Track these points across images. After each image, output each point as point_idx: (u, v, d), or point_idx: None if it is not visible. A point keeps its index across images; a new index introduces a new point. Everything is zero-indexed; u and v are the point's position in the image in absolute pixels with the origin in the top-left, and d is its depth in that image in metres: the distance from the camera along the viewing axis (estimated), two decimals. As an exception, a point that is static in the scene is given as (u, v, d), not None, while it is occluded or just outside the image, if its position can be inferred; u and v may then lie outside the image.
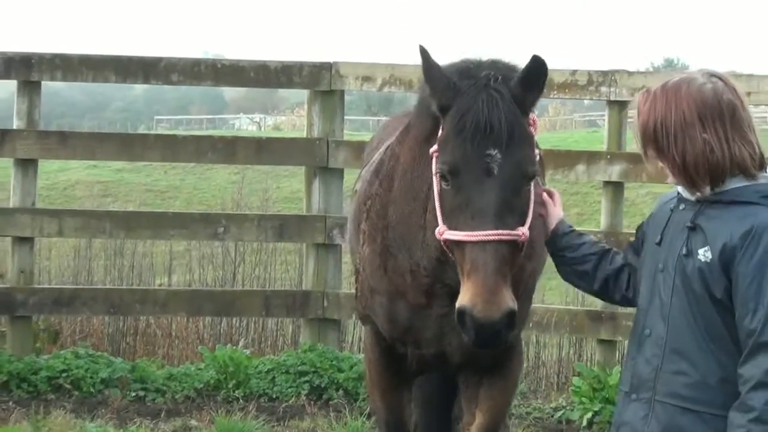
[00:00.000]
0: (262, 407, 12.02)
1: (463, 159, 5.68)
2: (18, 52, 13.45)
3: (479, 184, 5.63)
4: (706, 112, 5.35)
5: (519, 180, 5.70)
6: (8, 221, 13.36)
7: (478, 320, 5.45)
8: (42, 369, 12.54)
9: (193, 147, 15.11)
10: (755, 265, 5.25)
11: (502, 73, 5.86)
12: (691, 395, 5.43)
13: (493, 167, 5.61)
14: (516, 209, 5.69)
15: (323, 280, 13.38)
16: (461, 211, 5.67)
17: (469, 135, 5.67)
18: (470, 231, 5.58)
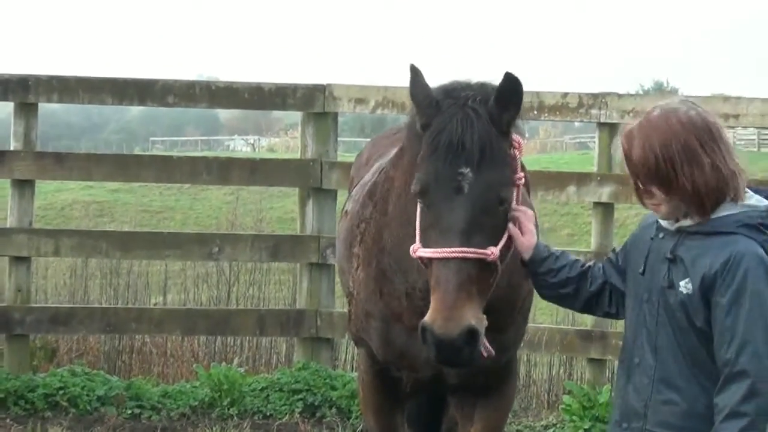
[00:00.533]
0: (257, 425, 12.05)
1: (435, 177, 5.70)
2: (15, 74, 13.46)
3: (449, 202, 5.63)
4: (703, 136, 5.37)
5: (490, 199, 5.68)
6: (5, 241, 13.38)
7: (437, 337, 5.45)
8: (39, 387, 12.56)
9: (187, 168, 15.11)
10: (732, 295, 5.29)
11: (489, 94, 5.88)
12: (681, 424, 5.47)
13: (463, 185, 5.62)
14: (486, 228, 5.66)
15: (317, 300, 13.40)
16: (432, 229, 5.69)
17: (441, 153, 5.69)
18: (436, 248, 5.60)
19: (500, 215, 5.75)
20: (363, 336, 7.00)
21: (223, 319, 14.33)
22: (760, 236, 5.38)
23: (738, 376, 5.23)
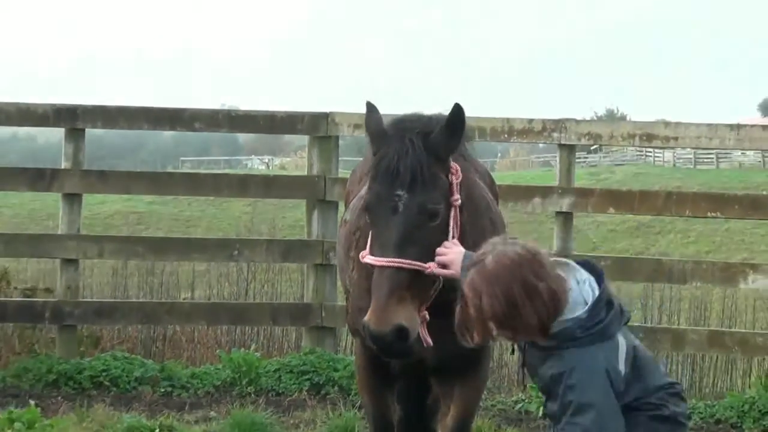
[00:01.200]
0: (270, 401, 12.01)
1: (376, 198, 5.84)
2: (65, 104, 13.43)
3: (387, 219, 5.75)
4: (534, 267, 5.17)
5: (421, 217, 5.77)
6: (57, 246, 13.38)
7: (372, 332, 5.62)
8: (85, 369, 12.55)
9: (212, 183, 15.23)
10: (559, 409, 5.24)
11: (432, 126, 5.99)
12: None
13: (398, 205, 5.72)
14: (419, 242, 5.74)
15: (321, 295, 13.37)
16: (375, 241, 5.82)
17: (381, 177, 5.82)
18: (377, 257, 5.73)
19: (433, 231, 5.82)
20: (357, 328, 6.94)
21: (241, 311, 14.35)
22: (584, 341, 5.22)
23: None
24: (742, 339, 12.84)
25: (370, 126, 6.09)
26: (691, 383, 13.89)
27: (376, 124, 6.07)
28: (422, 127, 5.98)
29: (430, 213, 5.81)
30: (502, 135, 13.09)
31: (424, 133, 5.91)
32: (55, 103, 13.42)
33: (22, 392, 12.11)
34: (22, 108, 13.59)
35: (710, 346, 13.02)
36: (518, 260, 5.13)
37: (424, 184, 5.79)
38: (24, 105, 13.58)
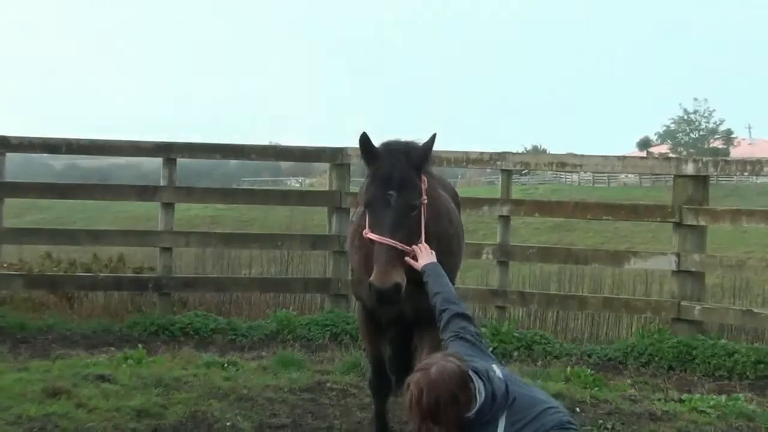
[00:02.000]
0: (303, 345, 11.98)
1: (374, 196, 6.02)
2: (164, 141, 13.47)
3: (383, 210, 5.94)
4: (459, 381, 4.89)
5: (407, 209, 5.96)
6: (157, 238, 13.50)
7: (377, 288, 5.76)
8: (176, 323, 12.56)
9: (263, 196, 15.33)
10: None
11: (407, 147, 6.17)
12: None
13: (391, 201, 5.92)
14: (404, 226, 5.93)
15: (338, 272, 13.40)
16: (374, 225, 5.96)
17: (378, 182, 6.02)
18: (378, 235, 5.87)
19: (412, 219, 6.00)
20: (358, 293, 7.10)
21: (283, 283, 14.43)
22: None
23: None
24: (626, 303, 12.88)
25: (365, 146, 6.23)
26: (590, 333, 13.86)
27: (369, 146, 6.22)
28: (404, 148, 6.18)
29: (412, 207, 6.00)
30: (462, 163, 13.09)
31: (406, 152, 6.13)
32: (156, 141, 13.46)
33: (133, 339, 12.11)
34: (133, 144, 13.65)
35: (604, 308, 13.06)
36: (449, 375, 4.86)
37: (408, 187, 6.00)
38: (135, 142, 13.65)
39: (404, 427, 8.25)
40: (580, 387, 10.05)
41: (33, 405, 8.32)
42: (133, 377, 9.52)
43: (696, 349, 11.45)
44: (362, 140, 6.18)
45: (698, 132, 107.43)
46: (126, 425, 7.94)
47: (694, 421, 8.79)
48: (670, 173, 12.83)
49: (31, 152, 14.28)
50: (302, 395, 9.35)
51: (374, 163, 6.10)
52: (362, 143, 6.18)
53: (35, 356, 10.82)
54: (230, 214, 43.54)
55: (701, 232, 12.30)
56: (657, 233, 44.54)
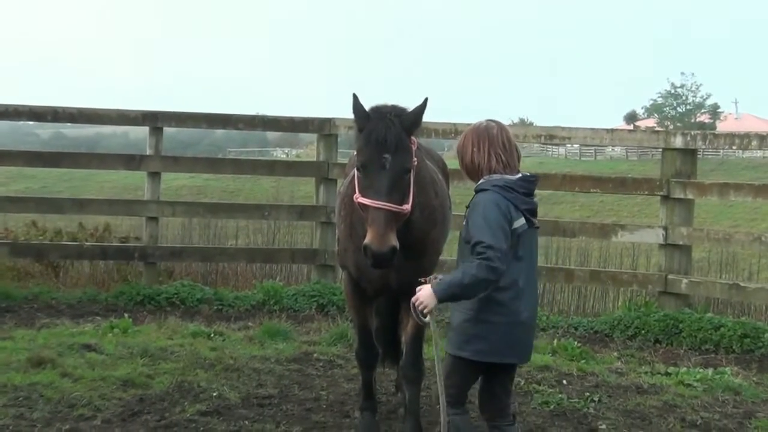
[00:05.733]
0: (290, 316, 11.96)
1: (369, 159, 5.89)
2: (150, 110, 13.38)
3: (378, 174, 5.82)
4: (478, 137, 5.66)
5: (401, 172, 5.87)
6: (143, 208, 13.38)
7: (373, 251, 5.67)
8: (162, 293, 12.51)
9: (250, 165, 15.35)
10: (471, 217, 5.55)
11: (399, 111, 6.07)
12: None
13: (386, 164, 5.82)
14: (399, 189, 5.84)
15: (325, 243, 13.35)
16: (368, 189, 5.84)
17: (372, 145, 5.88)
18: (372, 200, 5.76)
19: (406, 182, 5.92)
20: (344, 263, 7.05)
21: (270, 253, 14.39)
22: (501, 191, 5.53)
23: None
24: (613, 276, 12.85)
25: (357, 110, 6.12)
26: (577, 305, 13.90)
27: (360, 108, 6.12)
28: (395, 111, 6.08)
29: (405, 170, 5.91)
30: (450, 134, 13.01)
31: (398, 114, 6.03)
32: (143, 110, 13.38)
33: (119, 308, 12.06)
34: (120, 113, 13.55)
35: (591, 281, 13.04)
36: (474, 130, 5.73)
37: (402, 150, 5.91)
38: (121, 111, 13.55)
39: (391, 398, 8.26)
40: (566, 359, 10.05)
41: (18, 374, 8.29)
42: (118, 347, 9.50)
43: (682, 323, 11.45)
44: (354, 102, 6.13)
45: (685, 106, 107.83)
46: (112, 395, 7.91)
47: (680, 395, 8.79)
48: (658, 146, 12.79)
49: (17, 119, 14.14)
50: (289, 366, 9.33)
51: (367, 126, 6.04)
52: (355, 105, 6.12)
53: (20, 325, 10.78)
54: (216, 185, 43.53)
55: (689, 206, 12.29)
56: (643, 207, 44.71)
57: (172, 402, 7.83)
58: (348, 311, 8.89)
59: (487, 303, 5.49)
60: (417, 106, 6.12)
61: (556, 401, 8.32)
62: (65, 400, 7.66)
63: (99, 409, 7.51)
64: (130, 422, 7.29)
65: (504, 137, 5.68)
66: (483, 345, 5.53)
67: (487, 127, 5.70)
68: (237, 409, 7.74)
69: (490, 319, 5.52)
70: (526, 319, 5.66)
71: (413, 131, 6.07)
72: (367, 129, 5.98)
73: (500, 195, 5.51)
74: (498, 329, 5.53)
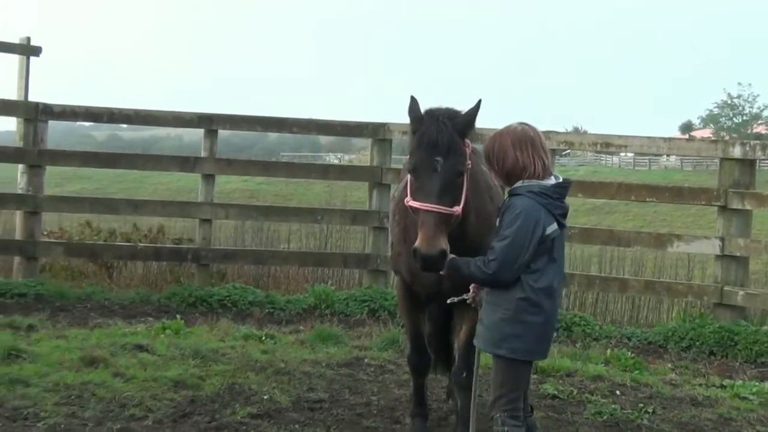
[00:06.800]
0: (341, 320, 11.97)
1: (420, 162, 5.81)
2: (205, 113, 13.47)
3: (429, 176, 5.75)
4: (516, 140, 5.58)
5: (453, 175, 5.79)
6: (197, 210, 13.46)
7: (422, 254, 5.57)
8: (214, 295, 12.55)
9: (303, 169, 15.25)
10: (505, 217, 5.54)
11: (452, 114, 5.99)
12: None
13: (438, 167, 5.75)
14: (451, 193, 5.76)
15: (377, 248, 13.37)
16: (419, 192, 5.77)
17: (424, 147, 5.82)
18: (422, 203, 5.69)
19: (458, 185, 5.84)
20: (398, 267, 7.01)
21: (322, 257, 14.37)
22: (536, 197, 5.50)
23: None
24: (668, 286, 12.72)
25: (413, 111, 6.07)
26: (631, 316, 13.76)
27: (416, 110, 6.07)
28: (448, 113, 6.00)
29: (458, 173, 5.83)
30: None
31: (451, 117, 5.95)
32: (199, 112, 13.44)
33: (171, 309, 12.13)
34: (175, 115, 13.61)
35: (646, 291, 12.92)
36: (510, 132, 5.64)
37: (455, 153, 5.83)
38: (177, 113, 13.60)
39: (442, 405, 8.20)
40: (620, 370, 9.95)
41: (70, 373, 8.33)
42: (170, 348, 9.53)
43: (738, 335, 11.30)
44: (411, 104, 6.10)
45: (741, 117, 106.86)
46: (163, 395, 7.92)
47: (736, 408, 8.66)
48: (716, 156, 12.65)
49: (74, 120, 14.25)
50: (340, 370, 9.30)
51: (419, 129, 6.01)
52: (411, 107, 6.09)
53: (73, 324, 10.86)
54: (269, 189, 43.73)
55: (747, 217, 12.14)
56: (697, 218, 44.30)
57: (223, 404, 7.82)
58: (400, 316, 8.85)
59: (525, 303, 5.51)
60: (470, 108, 6.06)
61: (609, 412, 8.21)
62: (117, 400, 7.68)
63: (150, 410, 7.52)
64: (180, 423, 7.29)
65: (542, 140, 5.69)
66: (519, 344, 5.54)
67: (525, 131, 5.67)
68: (287, 413, 7.71)
69: (527, 319, 5.52)
70: (555, 317, 5.80)
71: (467, 134, 6.01)
72: (420, 132, 5.94)
73: (535, 201, 5.50)
74: (534, 329, 5.55)
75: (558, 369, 9.70)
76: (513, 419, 5.59)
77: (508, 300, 5.52)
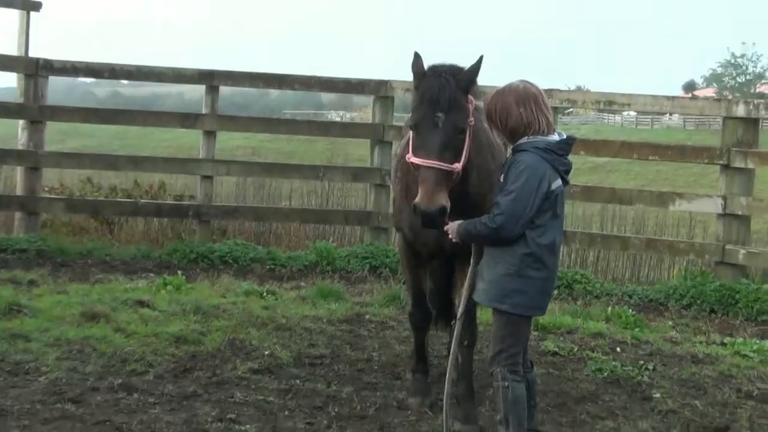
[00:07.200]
0: (342, 277, 11.96)
1: (422, 118, 5.80)
2: (206, 69, 13.45)
3: (430, 133, 5.75)
4: (520, 99, 5.59)
5: (454, 131, 5.77)
6: (198, 166, 13.45)
7: (422, 211, 5.59)
8: (216, 251, 12.54)
9: (305, 126, 15.31)
10: (510, 173, 5.56)
11: (455, 70, 5.96)
12: None
13: (439, 123, 5.74)
14: (452, 149, 5.74)
15: (379, 205, 13.36)
16: (420, 148, 5.76)
17: (426, 103, 5.81)
18: (422, 159, 5.69)
19: (459, 141, 5.82)
20: (399, 224, 7.02)
21: (324, 214, 14.40)
22: (542, 153, 5.52)
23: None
24: (670, 245, 12.74)
25: (416, 67, 6.04)
26: (632, 273, 13.78)
27: (419, 66, 6.04)
28: (451, 70, 5.96)
29: (459, 129, 5.81)
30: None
31: (453, 73, 5.92)
32: (200, 68, 13.43)
33: (173, 265, 12.12)
34: (176, 71, 13.55)
35: (647, 249, 12.93)
36: (512, 90, 5.65)
37: (456, 109, 5.81)
38: (178, 69, 13.55)
39: (443, 361, 8.21)
40: (620, 327, 9.97)
41: (71, 328, 8.34)
42: (171, 303, 9.53)
43: (739, 293, 11.31)
44: (415, 60, 6.06)
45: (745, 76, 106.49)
46: (164, 351, 7.93)
47: (736, 365, 8.67)
48: (720, 115, 12.59)
49: (74, 76, 14.18)
50: (341, 326, 9.32)
51: (422, 85, 5.97)
52: (414, 63, 6.05)
53: (74, 280, 10.86)
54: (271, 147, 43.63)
55: (749, 175, 12.11)
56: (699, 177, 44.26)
57: (224, 359, 7.84)
58: (402, 273, 8.86)
59: (529, 259, 5.54)
60: (472, 64, 6.02)
61: (610, 368, 8.23)
62: (118, 355, 7.69)
63: (151, 365, 7.54)
64: (181, 378, 7.30)
65: (544, 97, 5.68)
66: (522, 299, 5.57)
67: (527, 88, 5.66)
68: (288, 368, 7.73)
69: (531, 274, 5.55)
70: (556, 273, 5.84)
71: (470, 90, 5.97)
72: (422, 87, 5.92)
73: (541, 157, 5.49)
74: (536, 284, 5.59)
75: (559, 326, 9.72)
76: (513, 374, 5.60)
77: (512, 255, 5.52)
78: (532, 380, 5.98)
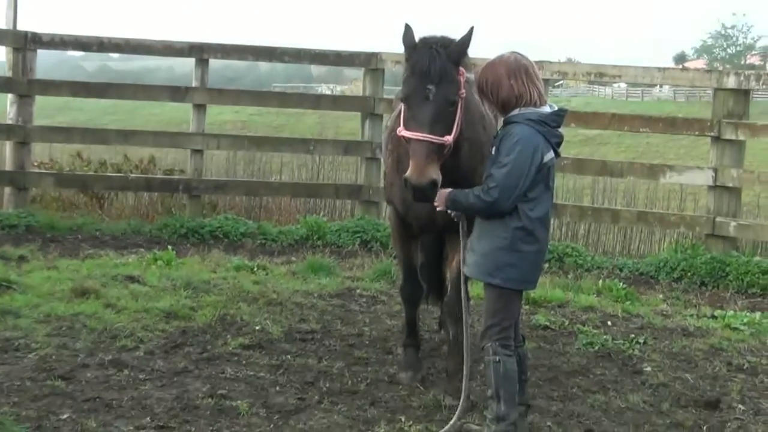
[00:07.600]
0: (333, 251, 11.95)
1: (412, 90, 5.75)
2: (196, 42, 13.40)
3: (421, 105, 5.70)
4: (511, 71, 5.52)
5: (445, 104, 5.72)
6: (188, 140, 13.40)
7: (413, 184, 5.57)
8: (206, 226, 12.52)
9: (295, 99, 15.26)
10: (503, 145, 5.49)
11: (446, 42, 5.90)
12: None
13: (429, 95, 5.68)
14: (442, 122, 5.69)
15: (369, 178, 13.35)
16: (411, 121, 5.72)
17: (416, 76, 5.76)
18: (413, 132, 5.65)
19: (451, 114, 5.77)
20: (391, 198, 6.99)
21: (314, 188, 14.39)
22: (534, 125, 5.46)
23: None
24: (661, 217, 12.73)
25: (407, 39, 5.98)
26: (622, 246, 13.80)
27: (410, 38, 5.99)
28: (441, 41, 5.91)
29: (450, 102, 5.76)
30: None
31: (444, 45, 5.86)
32: (190, 41, 13.37)
33: (163, 240, 12.11)
34: (166, 44, 13.53)
35: (638, 221, 12.93)
36: (503, 62, 5.58)
37: (447, 81, 5.75)
38: (168, 42, 13.53)
39: (434, 335, 8.20)
40: (611, 301, 9.97)
41: (61, 304, 8.30)
42: (162, 279, 9.51)
43: (729, 266, 11.32)
44: (405, 32, 6.01)
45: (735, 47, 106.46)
46: (154, 326, 7.90)
47: (727, 338, 8.67)
48: (710, 86, 12.55)
49: (63, 49, 14.12)
50: (332, 301, 9.30)
51: (412, 57, 5.93)
52: (405, 35, 6.00)
53: (64, 255, 10.82)
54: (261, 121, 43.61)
55: (740, 147, 12.10)
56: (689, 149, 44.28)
57: (215, 335, 7.81)
58: (393, 247, 8.84)
59: (521, 233, 5.50)
60: (463, 35, 5.97)
61: (601, 342, 8.23)
62: (108, 331, 7.66)
63: (142, 341, 7.51)
64: (172, 354, 7.28)
65: (534, 69, 5.63)
66: (514, 273, 5.52)
67: (517, 59, 5.60)
68: (279, 343, 7.71)
69: (523, 248, 5.51)
70: (547, 247, 5.86)
71: (461, 62, 5.92)
72: (412, 60, 5.86)
73: (533, 129, 5.45)
74: (528, 258, 5.56)
75: (550, 300, 9.71)
76: (504, 348, 5.57)
77: (504, 229, 5.48)
78: (523, 354, 5.96)
